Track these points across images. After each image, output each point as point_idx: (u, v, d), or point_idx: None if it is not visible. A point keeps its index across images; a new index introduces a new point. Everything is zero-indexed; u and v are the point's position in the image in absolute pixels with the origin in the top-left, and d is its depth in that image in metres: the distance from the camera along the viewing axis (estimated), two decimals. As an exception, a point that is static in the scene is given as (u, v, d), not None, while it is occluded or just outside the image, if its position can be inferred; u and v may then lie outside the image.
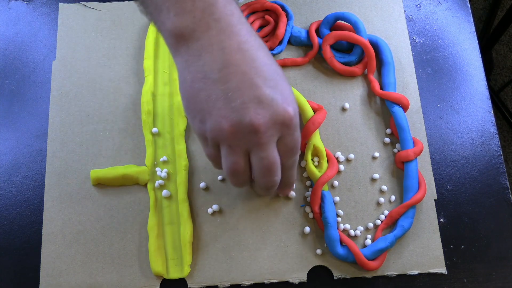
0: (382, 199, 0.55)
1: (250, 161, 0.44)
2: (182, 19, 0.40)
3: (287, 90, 0.43)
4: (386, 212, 0.54)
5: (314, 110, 0.56)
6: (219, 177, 0.55)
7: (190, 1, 0.40)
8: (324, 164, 0.54)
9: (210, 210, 0.54)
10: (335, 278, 0.52)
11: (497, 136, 0.58)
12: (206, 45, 0.41)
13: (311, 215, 0.54)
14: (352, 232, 0.53)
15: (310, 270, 0.52)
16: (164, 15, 0.41)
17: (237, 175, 0.44)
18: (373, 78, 0.58)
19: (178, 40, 0.41)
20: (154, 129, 0.56)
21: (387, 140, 0.57)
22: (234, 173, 0.44)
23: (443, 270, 0.53)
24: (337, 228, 0.53)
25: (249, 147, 0.43)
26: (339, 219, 0.54)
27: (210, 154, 0.45)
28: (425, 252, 0.53)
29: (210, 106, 0.41)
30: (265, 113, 0.41)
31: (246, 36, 0.42)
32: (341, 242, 0.52)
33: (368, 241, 0.53)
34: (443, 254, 0.53)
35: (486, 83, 0.60)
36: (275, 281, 0.52)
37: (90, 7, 0.61)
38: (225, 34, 0.41)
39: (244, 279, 0.52)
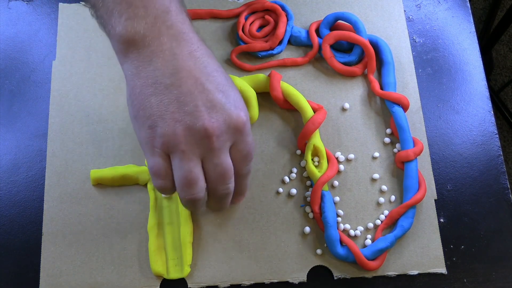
0: (382, 199, 0.55)
1: (203, 170, 0.43)
2: (133, 25, 0.40)
3: (237, 96, 0.43)
4: (386, 212, 0.54)
5: (314, 110, 0.56)
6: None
7: (143, 7, 0.40)
8: (324, 164, 0.54)
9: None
10: (335, 278, 0.52)
11: (497, 136, 0.58)
12: (157, 51, 0.40)
13: (311, 215, 0.54)
14: (352, 232, 0.53)
15: (310, 270, 0.52)
16: (115, 19, 0.41)
17: (192, 186, 0.42)
18: (373, 78, 0.58)
19: (128, 46, 0.41)
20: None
21: (387, 140, 0.57)
22: (189, 183, 0.42)
23: (443, 270, 0.53)
24: (337, 228, 0.53)
25: (202, 153, 0.42)
26: (339, 219, 0.54)
27: (158, 165, 0.42)
28: (425, 252, 0.53)
29: (162, 110, 0.40)
30: (219, 117, 0.41)
31: (197, 43, 0.42)
32: (341, 242, 0.52)
33: (368, 241, 0.53)
34: (443, 254, 0.53)
35: (486, 83, 0.60)
36: (275, 281, 0.52)
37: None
38: (177, 41, 0.41)
39: (244, 279, 0.52)
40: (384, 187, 0.55)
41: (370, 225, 0.54)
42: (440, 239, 0.53)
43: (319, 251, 0.53)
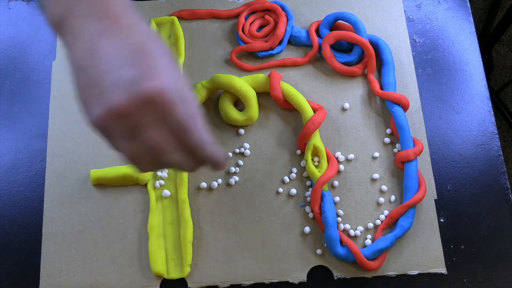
0: (382, 199, 0.55)
1: None
2: (57, 7, 0.40)
3: (155, 64, 0.39)
4: (386, 212, 0.54)
5: (314, 110, 0.56)
6: (219, 180, 0.55)
7: None
8: (324, 164, 0.54)
9: (203, 184, 0.55)
10: (335, 278, 0.52)
11: (497, 136, 0.58)
12: (78, 33, 0.40)
13: (311, 215, 0.54)
14: (352, 232, 0.53)
15: (310, 270, 0.52)
16: (46, 2, 0.40)
17: (135, 161, 0.41)
18: (373, 78, 0.58)
19: (58, 29, 0.41)
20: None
21: (387, 140, 0.57)
22: (132, 159, 0.41)
23: (443, 270, 0.53)
24: (337, 228, 0.53)
25: (127, 131, 0.40)
26: (339, 219, 0.54)
27: (112, 147, 0.41)
28: (425, 252, 0.53)
29: (88, 94, 0.39)
30: (125, 93, 0.38)
31: (117, 17, 0.40)
32: (341, 242, 0.52)
33: (368, 241, 0.53)
34: (443, 254, 0.53)
35: (486, 83, 0.60)
36: (275, 281, 0.52)
37: (90, 7, 0.61)
38: (95, 19, 0.40)
39: (244, 279, 0.52)
40: (384, 187, 0.55)
41: (370, 225, 0.54)
42: (440, 239, 0.53)
43: (319, 251, 0.53)
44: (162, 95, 0.38)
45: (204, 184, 0.55)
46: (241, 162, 0.56)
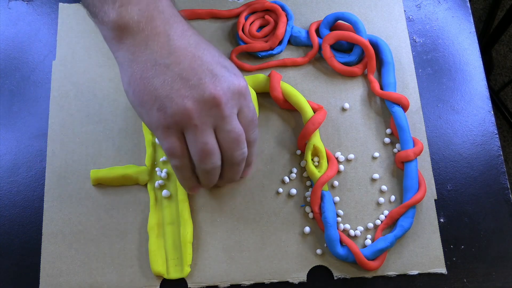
0: (382, 199, 0.55)
1: (217, 139, 0.45)
2: (127, 10, 0.41)
3: (233, 66, 0.46)
4: (386, 212, 0.54)
5: (314, 110, 0.56)
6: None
7: None
8: (324, 164, 0.54)
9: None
10: (335, 278, 0.52)
11: (497, 136, 0.58)
12: (152, 35, 0.42)
13: (311, 215, 0.54)
14: (352, 232, 0.53)
15: (310, 270, 0.52)
16: (109, 6, 0.42)
17: (210, 156, 0.44)
18: (373, 78, 0.58)
19: (122, 33, 0.42)
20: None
21: (387, 140, 0.57)
22: (207, 154, 0.44)
23: (443, 270, 0.53)
24: (337, 228, 0.53)
25: (214, 123, 0.43)
26: (339, 219, 0.54)
27: (173, 145, 0.44)
28: (425, 252, 0.53)
29: (167, 90, 0.42)
30: (223, 85, 0.43)
31: (186, 24, 0.45)
32: (341, 242, 0.52)
33: (368, 241, 0.53)
34: (443, 254, 0.53)
35: (486, 83, 0.60)
36: (275, 281, 0.52)
37: (90, 7, 0.61)
38: (169, 23, 0.43)
39: (244, 279, 0.52)
40: (384, 187, 0.55)
41: (370, 225, 0.54)
42: (440, 239, 0.53)
43: (319, 251, 0.53)
44: (247, 90, 0.45)
45: None
46: (241, 162, 0.56)
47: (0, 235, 0.53)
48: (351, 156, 0.56)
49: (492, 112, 0.59)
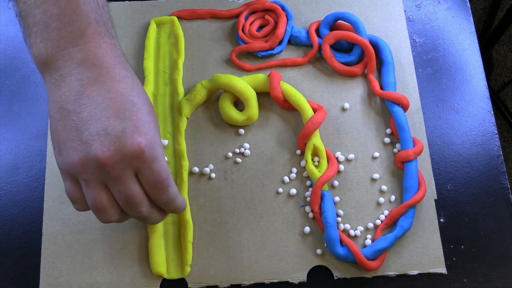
0: (382, 199, 0.55)
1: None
2: (46, 46, 0.40)
3: (141, 121, 0.41)
4: (386, 212, 0.54)
5: (314, 110, 0.56)
6: (212, 175, 0.55)
7: (57, 30, 0.40)
8: (324, 164, 0.54)
9: (206, 170, 0.55)
10: (335, 278, 0.52)
11: (497, 136, 0.58)
12: (66, 75, 0.40)
13: (311, 215, 0.54)
14: (352, 232, 0.53)
15: (310, 270, 0.52)
16: (33, 39, 0.41)
17: (102, 212, 0.42)
18: (373, 78, 0.58)
19: (43, 67, 0.41)
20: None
21: (387, 140, 0.57)
22: (98, 209, 0.42)
23: (443, 270, 0.53)
24: (337, 228, 0.53)
25: (104, 181, 0.41)
26: (339, 219, 0.54)
27: (70, 190, 0.42)
28: (425, 252, 0.53)
29: (65, 137, 0.40)
30: (110, 146, 0.39)
31: (109, 68, 0.41)
32: (341, 242, 0.52)
33: (368, 241, 0.53)
34: (443, 254, 0.53)
35: (486, 83, 0.60)
36: (275, 281, 0.52)
37: (90, 7, 0.61)
38: (86, 65, 0.40)
39: (244, 279, 0.52)
40: (384, 187, 0.55)
41: (370, 225, 0.54)
42: (440, 239, 0.53)
43: (319, 251, 0.53)
44: (145, 151, 0.40)
45: (206, 169, 0.55)
46: (241, 162, 0.56)
47: (0, 235, 0.53)
48: (351, 156, 0.56)
49: (492, 112, 0.59)
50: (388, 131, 0.57)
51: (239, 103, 0.58)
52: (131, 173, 0.41)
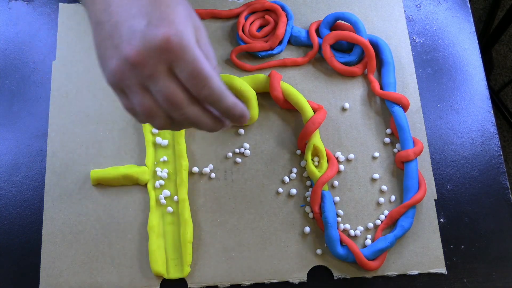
0: (382, 199, 0.55)
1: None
2: None
3: (167, 12, 0.39)
4: (386, 212, 0.54)
5: (314, 110, 0.56)
6: (212, 175, 0.55)
7: None
8: (324, 164, 0.54)
9: (206, 170, 0.55)
10: (335, 278, 0.52)
11: (497, 136, 0.58)
12: None
13: (311, 215, 0.54)
14: (352, 232, 0.53)
15: (310, 270, 0.52)
16: None
17: (151, 116, 0.40)
18: (373, 78, 0.58)
19: None
20: (154, 130, 0.56)
21: (387, 140, 0.57)
22: (146, 114, 0.40)
23: (443, 270, 0.53)
24: (337, 228, 0.53)
25: (141, 83, 0.39)
26: (339, 219, 0.54)
27: (124, 104, 0.41)
28: (425, 252, 0.53)
29: (103, 49, 0.40)
30: (137, 43, 0.38)
31: None
32: (341, 242, 0.52)
33: (368, 241, 0.53)
34: (443, 254, 0.53)
35: (486, 83, 0.60)
36: (275, 281, 0.52)
37: (90, 7, 0.61)
38: None
39: (244, 279, 0.52)
40: (384, 187, 0.55)
41: (370, 225, 0.54)
42: (440, 239, 0.53)
43: (319, 251, 0.53)
44: (172, 41, 0.38)
45: (206, 169, 0.55)
46: (241, 162, 0.56)
47: (0, 235, 0.53)
48: (351, 156, 0.56)
49: (492, 112, 0.59)
50: (388, 131, 0.57)
51: (239, 103, 0.58)
52: (164, 68, 0.39)
